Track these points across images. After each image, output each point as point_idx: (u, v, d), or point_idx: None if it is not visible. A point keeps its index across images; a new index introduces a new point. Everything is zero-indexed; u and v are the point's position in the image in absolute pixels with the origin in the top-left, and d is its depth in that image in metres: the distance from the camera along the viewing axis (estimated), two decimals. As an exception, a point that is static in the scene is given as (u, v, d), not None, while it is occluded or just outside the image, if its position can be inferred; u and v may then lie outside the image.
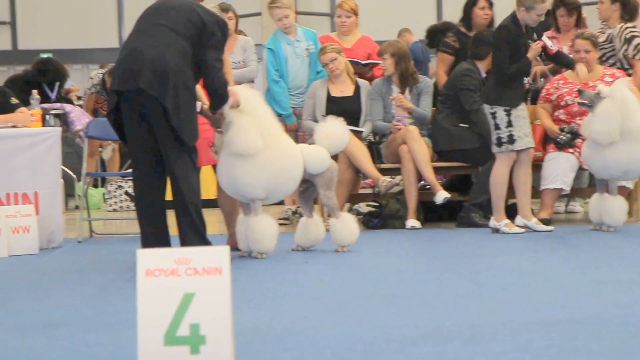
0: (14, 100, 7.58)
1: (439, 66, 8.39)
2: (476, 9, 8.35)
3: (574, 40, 7.78)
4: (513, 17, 7.11)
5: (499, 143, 7.12)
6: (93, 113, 10.84)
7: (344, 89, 8.06)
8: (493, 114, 7.10)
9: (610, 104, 7.06)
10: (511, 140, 7.07)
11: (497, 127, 7.10)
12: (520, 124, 7.08)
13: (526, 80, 7.84)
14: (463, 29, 8.42)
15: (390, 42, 8.20)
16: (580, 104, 7.33)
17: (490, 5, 8.42)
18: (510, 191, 7.31)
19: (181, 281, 3.08)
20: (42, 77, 9.70)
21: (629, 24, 8.19)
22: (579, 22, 8.32)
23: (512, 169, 7.20)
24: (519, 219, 7.24)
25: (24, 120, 7.31)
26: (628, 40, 8.07)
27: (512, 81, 7.08)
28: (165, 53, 5.49)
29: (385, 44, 8.11)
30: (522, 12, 7.06)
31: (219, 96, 5.75)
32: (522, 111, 7.13)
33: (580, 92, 7.27)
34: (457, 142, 7.87)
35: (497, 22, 8.39)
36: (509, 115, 7.06)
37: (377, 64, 8.37)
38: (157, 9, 5.75)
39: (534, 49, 7.13)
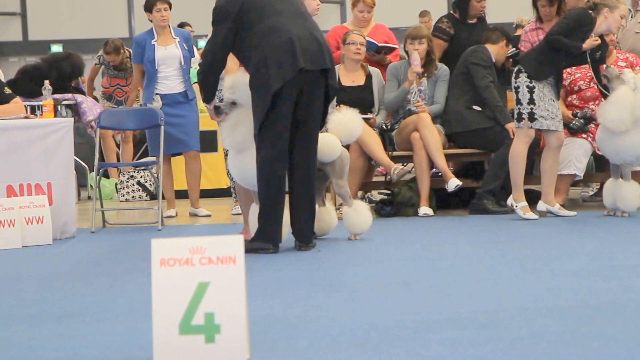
0: (8, 91, 7.52)
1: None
2: (474, 2, 8.34)
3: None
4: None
5: (519, 118, 7.08)
6: (108, 98, 10.86)
7: (355, 78, 8.03)
8: (516, 89, 7.07)
9: (626, 92, 7.01)
10: (532, 117, 7.03)
11: (518, 102, 7.08)
12: (545, 104, 7.03)
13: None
14: (456, 16, 8.39)
15: (421, 26, 8.22)
16: (603, 75, 7.27)
17: None
18: (526, 176, 7.27)
19: (195, 270, 3.08)
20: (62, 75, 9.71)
21: None
22: (560, 11, 8.22)
23: (541, 154, 7.17)
24: (541, 204, 7.20)
25: (18, 110, 7.28)
26: None
27: (548, 51, 6.99)
28: (316, 33, 5.77)
29: (418, 28, 8.11)
30: (604, 14, 6.98)
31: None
32: (549, 92, 7.06)
33: (607, 67, 7.24)
34: (469, 123, 7.83)
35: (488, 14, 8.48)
36: (531, 92, 7.01)
37: (393, 48, 8.36)
38: None
39: (590, 41, 7.06)
